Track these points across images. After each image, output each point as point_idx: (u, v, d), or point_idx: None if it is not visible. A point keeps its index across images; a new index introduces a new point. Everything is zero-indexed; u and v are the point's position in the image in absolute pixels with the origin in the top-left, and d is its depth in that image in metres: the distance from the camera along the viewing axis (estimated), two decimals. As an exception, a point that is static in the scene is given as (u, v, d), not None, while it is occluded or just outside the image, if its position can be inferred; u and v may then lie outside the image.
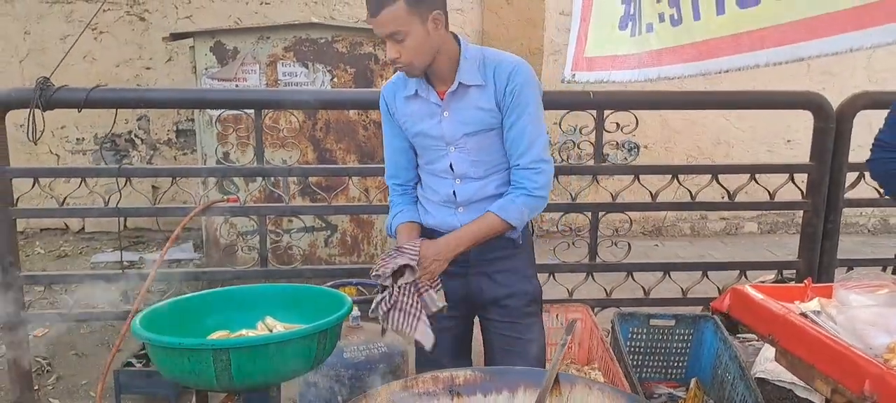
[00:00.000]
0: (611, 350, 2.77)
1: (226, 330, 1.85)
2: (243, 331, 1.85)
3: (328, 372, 2.41)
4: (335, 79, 4.26)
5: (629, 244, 3.40)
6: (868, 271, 3.36)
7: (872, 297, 1.79)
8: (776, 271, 3.51)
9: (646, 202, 3.34)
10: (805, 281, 2.10)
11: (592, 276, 3.33)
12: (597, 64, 1.38)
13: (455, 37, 1.97)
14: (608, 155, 8.08)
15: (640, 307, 3.28)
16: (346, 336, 2.49)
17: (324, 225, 4.35)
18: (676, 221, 7.61)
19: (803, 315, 1.85)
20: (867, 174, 2.55)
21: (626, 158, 7.46)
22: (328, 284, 2.60)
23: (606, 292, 3.35)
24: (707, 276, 3.39)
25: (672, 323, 3.05)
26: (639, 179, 3.28)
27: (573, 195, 3.29)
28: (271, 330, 1.84)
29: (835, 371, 1.59)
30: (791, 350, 1.76)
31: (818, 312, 1.85)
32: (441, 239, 2.01)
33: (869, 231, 7.46)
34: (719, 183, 3.30)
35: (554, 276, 3.30)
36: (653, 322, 3.07)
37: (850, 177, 3.30)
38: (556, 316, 3.05)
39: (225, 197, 3.34)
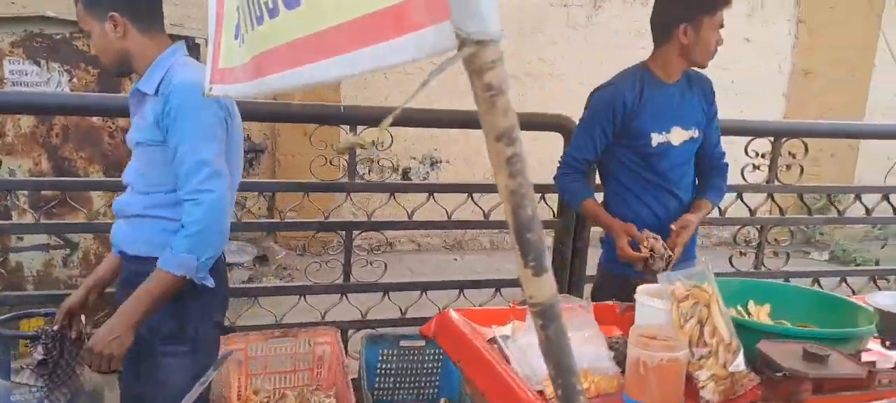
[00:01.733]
0: (346, 375, 2.68)
1: None
2: None
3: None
4: (75, 81, 3.79)
5: (385, 263, 3.32)
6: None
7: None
8: (529, 288, 3.60)
9: (401, 221, 3.27)
10: (511, 303, 2.11)
11: (346, 297, 3.21)
12: (227, 76, 1.23)
13: (177, 45, 1.92)
14: (410, 169, 8.02)
15: (395, 328, 3.21)
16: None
17: (62, 243, 3.85)
18: (476, 235, 7.80)
19: (492, 340, 1.83)
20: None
21: (428, 173, 7.56)
22: (6, 317, 2.24)
23: (361, 314, 3.24)
24: (463, 294, 3.41)
25: (422, 343, 3.01)
26: (394, 197, 3.23)
27: (326, 213, 3.15)
28: None
29: (498, 401, 1.56)
30: (471, 378, 1.73)
31: (507, 337, 1.84)
32: (115, 315, 1.79)
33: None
34: (474, 201, 3.31)
35: (305, 298, 3.13)
36: (403, 343, 3.01)
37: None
38: (308, 341, 2.91)
39: None
